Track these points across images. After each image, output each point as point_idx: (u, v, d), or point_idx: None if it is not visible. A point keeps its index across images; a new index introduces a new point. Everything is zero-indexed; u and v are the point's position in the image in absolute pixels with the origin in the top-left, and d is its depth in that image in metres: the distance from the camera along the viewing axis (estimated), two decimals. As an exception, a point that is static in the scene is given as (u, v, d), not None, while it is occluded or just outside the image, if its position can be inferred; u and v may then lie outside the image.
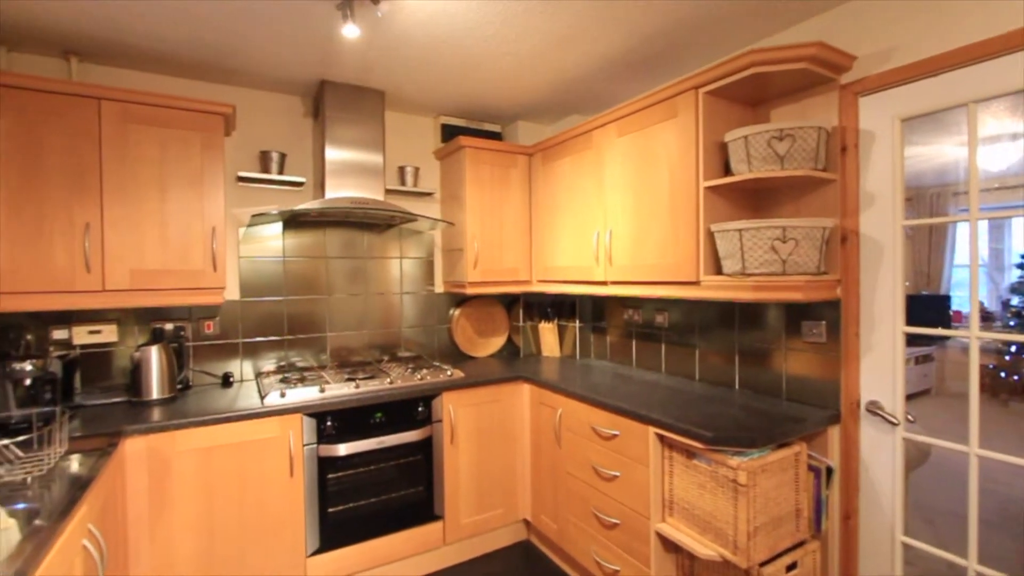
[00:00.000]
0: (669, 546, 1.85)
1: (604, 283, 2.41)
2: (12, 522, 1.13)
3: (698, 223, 1.92)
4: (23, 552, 1.01)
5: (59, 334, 2.16)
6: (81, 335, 2.18)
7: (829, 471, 1.81)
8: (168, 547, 1.85)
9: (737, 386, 2.20)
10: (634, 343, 2.74)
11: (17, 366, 1.78)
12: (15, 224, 1.83)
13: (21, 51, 2.11)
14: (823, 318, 1.88)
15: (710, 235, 1.91)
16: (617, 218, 2.33)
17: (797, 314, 1.98)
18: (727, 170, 1.95)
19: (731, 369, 2.22)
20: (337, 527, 2.17)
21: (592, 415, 2.14)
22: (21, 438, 1.55)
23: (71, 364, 2.07)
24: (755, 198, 2.05)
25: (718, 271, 1.92)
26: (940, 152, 2.20)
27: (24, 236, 1.84)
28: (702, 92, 1.90)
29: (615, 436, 2.01)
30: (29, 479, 1.35)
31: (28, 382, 1.80)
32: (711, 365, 2.31)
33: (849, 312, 1.82)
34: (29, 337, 2.09)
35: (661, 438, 1.84)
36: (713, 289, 1.88)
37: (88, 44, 2.06)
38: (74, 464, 1.51)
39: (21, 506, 1.22)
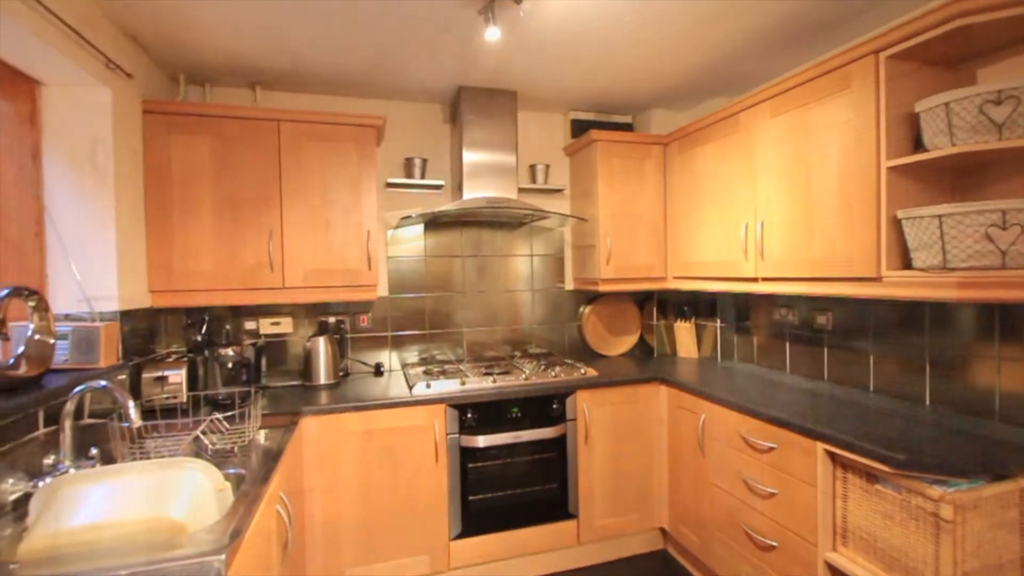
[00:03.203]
0: (841, 579, 1.63)
1: (755, 280, 2.20)
2: (227, 484, 1.33)
3: (879, 209, 1.65)
4: (237, 511, 1.18)
5: (249, 325, 2.53)
6: (265, 326, 2.53)
7: (1069, 514, 1.44)
8: (336, 517, 2.07)
9: (928, 401, 1.86)
10: (787, 346, 2.46)
11: (223, 352, 2.13)
12: (219, 231, 2.18)
13: (218, 85, 2.50)
14: (1058, 322, 1.51)
15: (895, 223, 1.63)
16: (770, 207, 2.10)
17: (1015, 317, 1.61)
18: (916, 146, 1.65)
19: (919, 380, 1.89)
20: (477, 515, 2.26)
21: (742, 424, 1.96)
22: (228, 414, 1.83)
23: (259, 351, 2.41)
24: (955, 177, 1.71)
25: (905, 265, 1.64)
26: None
27: (225, 241, 2.18)
28: (884, 56, 1.63)
29: (771, 449, 1.82)
30: (235, 448, 1.59)
31: (230, 365, 2.14)
32: (890, 374, 1.98)
33: (1101, 315, 1.43)
34: (228, 327, 2.49)
35: (832, 456, 1.62)
36: (900, 286, 1.60)
37: (268, 75, 2.38)
38: (262, 437, 1.75)
39: (232, 471, 1.44)
